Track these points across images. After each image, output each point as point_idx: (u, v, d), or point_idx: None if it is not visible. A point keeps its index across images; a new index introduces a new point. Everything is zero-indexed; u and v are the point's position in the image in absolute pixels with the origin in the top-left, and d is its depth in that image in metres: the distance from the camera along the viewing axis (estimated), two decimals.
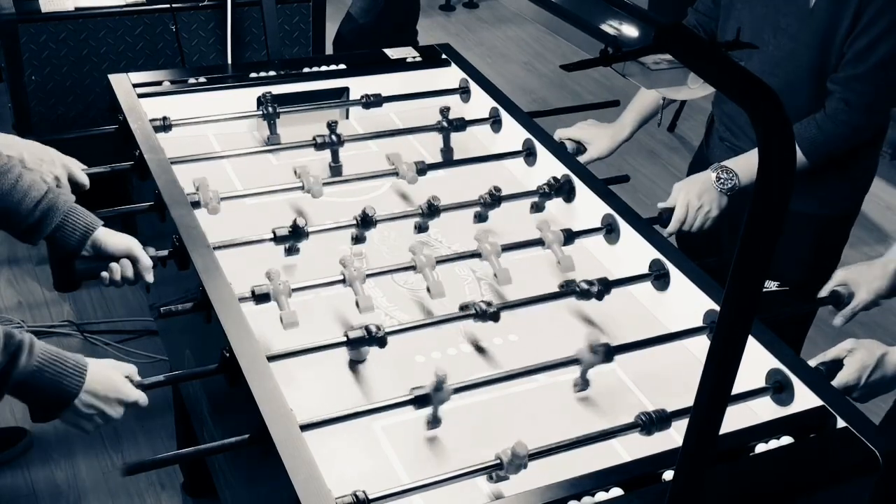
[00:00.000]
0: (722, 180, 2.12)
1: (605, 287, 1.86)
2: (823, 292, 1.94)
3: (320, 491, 1.34)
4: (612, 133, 2.42)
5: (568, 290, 1.85)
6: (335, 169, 2.28)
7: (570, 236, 2.01)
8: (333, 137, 2.26)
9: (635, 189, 3.95)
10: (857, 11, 2.05)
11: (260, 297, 1.73)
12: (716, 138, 2.43)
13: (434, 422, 1.57)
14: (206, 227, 1.90)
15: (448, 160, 2.36)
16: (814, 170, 2.15)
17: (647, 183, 4.28)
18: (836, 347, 1.74)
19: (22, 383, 1.41)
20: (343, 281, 1.81)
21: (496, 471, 1.44)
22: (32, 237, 1.75)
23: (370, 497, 1.36)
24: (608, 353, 1.67)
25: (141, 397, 1.54)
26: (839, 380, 1.69)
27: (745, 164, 2.15)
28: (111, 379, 1.51)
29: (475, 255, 1.95)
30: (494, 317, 1.75)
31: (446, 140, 2.39)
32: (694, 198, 2.11)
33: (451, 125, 2.39)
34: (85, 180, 1.98)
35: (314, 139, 2.26)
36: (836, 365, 1.71)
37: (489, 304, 1.75)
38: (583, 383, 1.71)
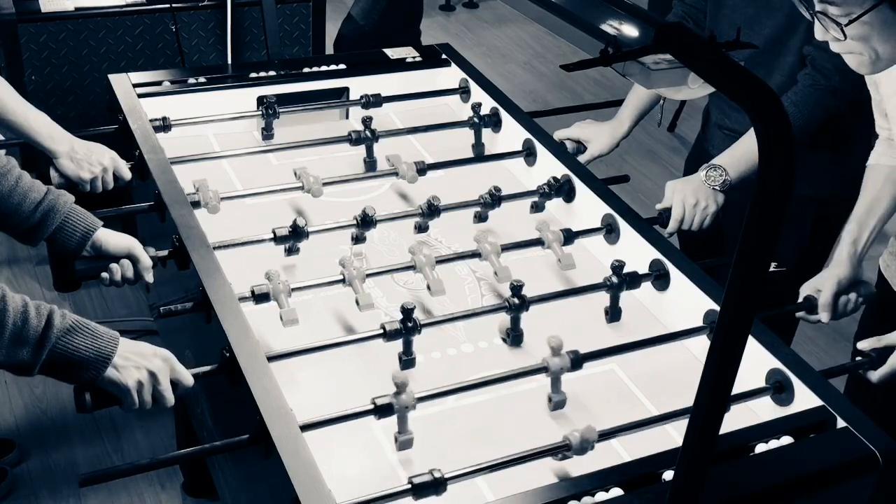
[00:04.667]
0: (712, 178, 2.12)
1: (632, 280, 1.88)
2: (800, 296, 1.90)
3: (320, 491, 1.34)
4: (610, 130, 2.42)
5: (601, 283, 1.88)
6: (370, 164, 2.32)
7: (569, 236, 2.01)
8: (368, 133, 2.30)
9: (635, 189, 3.95)
10: None
11: (260, 297, 1.73)
12: (714, 127, 2.42)
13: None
14: (206, 227, 1.90)
15: (468, 158, 2.37)
16: (804, 150, 2.11)
17: (647, 183, 4.27)
18: (892, 334, 1.72)
19: (60, 346, 1.42)
20: (343, 280, 1.81)
21: (563, 451, 1.48)
22: (33, 238, 1.75)
23: (446, 476, 1.39)
24: (576, 360, 1.63)
25: (186, 375, 1.56)
26: (892, 364, 1.68)
27: (733, 159, 2.14)
28: (141, 342, 1.54)
29: (475, 254, 1.95)
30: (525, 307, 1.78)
31: (477, 136, 2.43)
32: (690, 196, 2.11)
33: (483, 121, 2.42)
34: (128, 174, 2.08)
35: (350, 134, 2.29)
36: (889, 350, 1.71)
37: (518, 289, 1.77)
38: (557, 397, 1.65)
